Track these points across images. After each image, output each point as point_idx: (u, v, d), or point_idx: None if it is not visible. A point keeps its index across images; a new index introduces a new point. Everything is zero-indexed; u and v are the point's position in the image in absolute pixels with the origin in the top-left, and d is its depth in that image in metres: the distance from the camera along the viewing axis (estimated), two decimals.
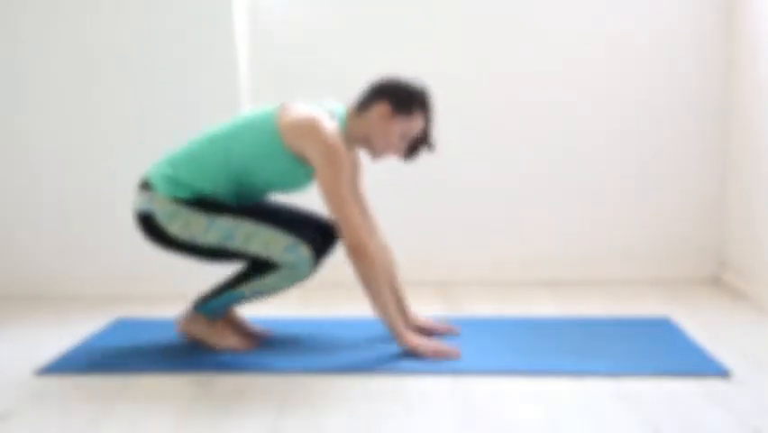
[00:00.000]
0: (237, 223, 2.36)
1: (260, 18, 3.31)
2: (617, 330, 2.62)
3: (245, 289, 2.42)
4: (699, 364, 2.27)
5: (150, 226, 2.42)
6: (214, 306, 2.47)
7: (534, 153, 3.34)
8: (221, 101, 3.18)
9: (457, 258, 3.40)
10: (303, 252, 2.35)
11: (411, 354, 2.37)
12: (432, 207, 3.38)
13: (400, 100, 2.37)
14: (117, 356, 2.48)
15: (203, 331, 2.51)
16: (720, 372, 2.20)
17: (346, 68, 3.32)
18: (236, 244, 2.36)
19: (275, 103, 2.48)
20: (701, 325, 2.68)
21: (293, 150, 2.34)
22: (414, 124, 2.40)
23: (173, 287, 3.22)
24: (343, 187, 2.30)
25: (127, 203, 3.26)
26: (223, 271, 2.68)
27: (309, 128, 2.31)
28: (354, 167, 2.56)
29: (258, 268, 2.40)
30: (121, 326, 2.83)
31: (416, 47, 3.30)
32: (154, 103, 3.21)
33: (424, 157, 2.83)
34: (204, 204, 2.38)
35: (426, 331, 2.58)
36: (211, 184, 2.38)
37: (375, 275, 2.33)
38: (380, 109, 2.37)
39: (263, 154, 2.36)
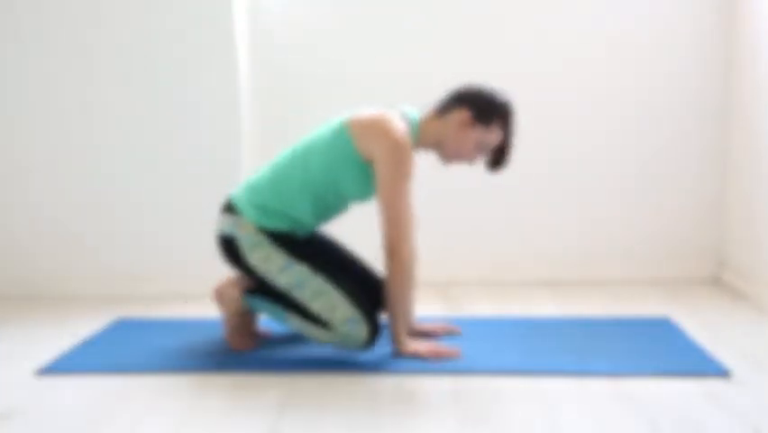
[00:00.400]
0: (312, 275, 2.35)
1: (260, 18, 3.31)
2: (616, 330, 2.62)
3: (295, 319, 2.39)
4: (699, 364, 2.27)
5: (231, 250, 2.42)
6: (259, 305, 2.45)
7: (535, 153, 3.34)
8: (221, 101, 3.18)
9: (457, 258, 3.40)
10: (362, 330, 2.32)
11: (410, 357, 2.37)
12: (432, 208, 3.37)
13: (482, 110, 2.35)
14: (117, 356, 2.48)
15: (230, 310, 2.49)
16: (720, 372, 2.20)
17: (346, 67, 3.33)
18: (303, 295, 2.34)
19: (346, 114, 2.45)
20: (701, 325, 2.68)
21: (364, 154, 2.32)
22: (492, 136, 2.38)
23: (173, 287, 3.23)
24: (403, 186, 2.29)
25: (127, 203, 3.28)
26: (223, 275, 2.69)
27: (378, 128, 2.30)
28: None
29: (315, 319, 2.37)
30: (121, 326, 2.83)
31: (416, 47, 3.31)
32: (154, 103, 3.21)
33: (424, 157, 2.83)
34: (289, 243, 2.38)
35: (426, 334, 2.58)
36: (296, 205, 2.38)
37: (402, 281, 2.34)
38: (460, 116, 2.36)
39: (338, 161, 2.34)
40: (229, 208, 2.44)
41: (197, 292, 3.01)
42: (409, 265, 2.36)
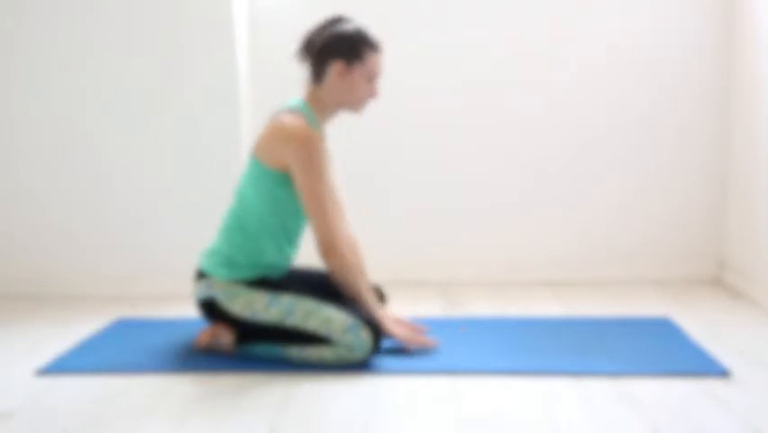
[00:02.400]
0: (298, 300, 2.34)
1: (260, 18, 3.31)
2: (617, 330, 2.62)
3: (294, 349, 2.36)
4: (699, 364, 2.27)
5: (213, 311, 2.41)
6: (254, 350, 2.42)
7: (535, 155, 3.34)
8: (221, 102, 3.18)
9: (457, 258, 3.40)
10: (363, 334, 2.30)
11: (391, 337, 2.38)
12: (432, 208, 3.38)
13: (347, 52, 2.35)
14: (117, 356, 2.48)
15: (224, 348, 2.46)
16: (720, 372, 2.20)
17: None
18: (296, 320, 2.33)
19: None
20: (701, 325, 2.68)
21: (281, 168, 2.33)
22: (371, 63, 2.38)
23: (173, 287, 3.22)
24: (319, 179, 2.29)
25: (127, 203, 3.28)
26: None
27: (278, 136, 2.31)
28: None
29: (315, 338, 2.34)
30: (121, 326, 2.83)
31: (417, 50, 3.31)
32: (154, 104, 3.21)
33: (424, 157, 2.83)
34: (264, 284, 2.39)
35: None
36: (259, 249, 2.39)
37: (348, 270, 2.35)
38: (335, 70, 2.35)
39: (270, 189, 2.34)
40: (200, 276, 2.44)
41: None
42: (349, 253, 2.36)
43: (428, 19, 3.29)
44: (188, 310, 2.96)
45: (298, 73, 2.33)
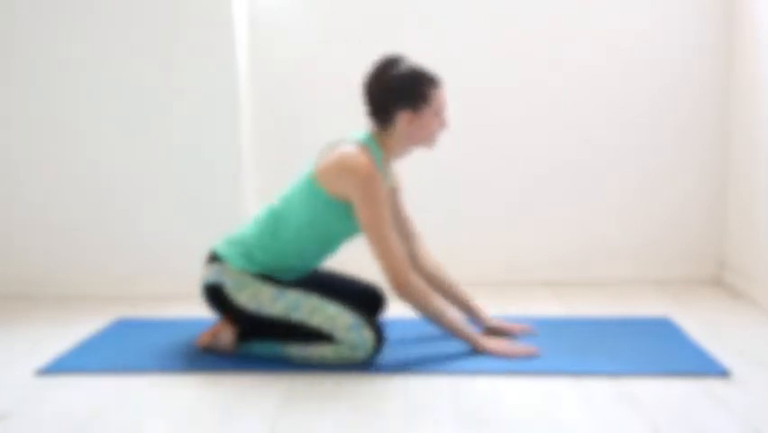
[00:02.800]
0: (304, 296, 2.35)
1: (260, 18, 3.31)
2: (617, 330, 2.62)
3: (295, 347, 2.36)
4: (699, 364, 2.27)
5: (218, 298, 2.41)
6: (255, 348, 2.42)
7: (536, 155, 3.34)
8: (220, 101, 3.18)
9: (457, 258, 3.40)
10: (365, 333, 2.30)
11: (489, 354, 2.36)
12: (432, 208, 3.37)
13: (411, 97, 2.32)
14: (117, 356, 2.48)
15: (226, 349, 2.46)
16: (720, 372, 2.20)
17: (346, 69, 3.32)
18: (301, 315, 2.33)
19: (312, 159, 2.44)
20: (701, 325, 2.68)
21: (341, 197, 2.32)
22: (437, 103, 2.36)
23: (173, 287, 3.23)
24: (384, 224, 2.28)
25: (127, 203, 3.28)
26: None
27: (341, 169, 2.28)
28: (396, 190, 2.56)
29: (317, 336, 2.34)
30: (121, 326, 2.83)
31: (417, 55, 3.31)
32: (154, 104, 3.21)
33: (424, 157, 2.83)
34: (274, 280, 2.40)
35: (499, 332, 2.57)
36: (285, 259, 2.39)
37: (427, 302, 2.33)
38: (403, 118, 2.34)
39: (320, 214, 2.34)
40: (213, 259, 2.44)
41: (197, 292, 3.00)
42: (422, 284, 2.34)
43: (428, 19, 3.29)
44: (188, 310, 2.97)
45: (298, 73, 2.34)
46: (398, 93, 2.32)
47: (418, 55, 3.29)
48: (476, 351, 2.39)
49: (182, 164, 3.23)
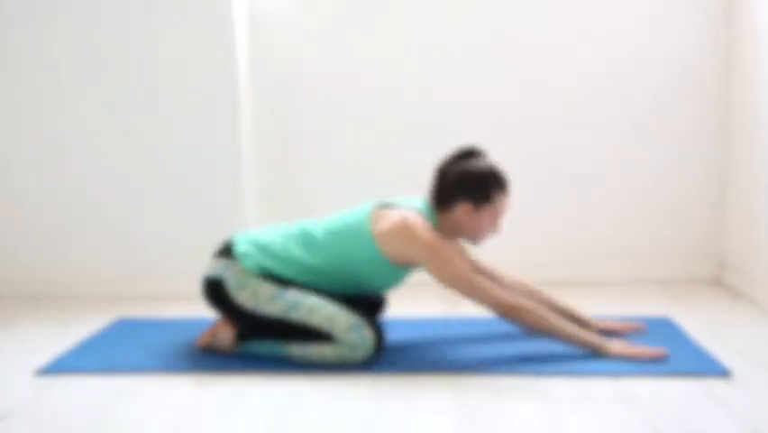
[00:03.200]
0: (303, 296, 2.35)
1: (260, 18, 3.31)
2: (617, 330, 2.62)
3: (295, 346, 2.35)
4: (699, 364, 2.27)
5: (217, 293, 2.41)
6: (254, 348, 2.42)
7: (536, 155, 3.34)
8: (220, 101, 3.18)
9: None
10: (366, 333, 2.30)
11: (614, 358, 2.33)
12: None
13: (477, 194, 2.35)
14: (117, 356, 2.48)
15: (225, 348, 2.46)
16: (720, 372, 2.20)
17: (346, 69, 3.33)
18: (300, 315, 2.33)
19: (364, 206, 2.43)
20: (701, 325, 2.68)
21: (395, 258, 2.35)
22: (499, 206, 2.39)
23: (173, 287, 3.23)
24: (466, 274, 2.31)
25: (127, 203, 3.28)
26: None
27: (405, 234, 2.31)
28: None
29: (317, 335, 2.34)
30: (121, 326, 2.83)
31: (418, 55, 3.31)
32: (154, 104, 3.21)
33: (423, 158, 2.83)
34: (275, 279, 2.40)
35: (609, 333, 2.55)
36: (303, 279, 2.39)
37: (538, 317, 2.33)
38: (462, 209, 2.36)
39: (363, 263, 2.36)
40: (226, 253, 2.43)
41: (197, 292, 3.00)
42: (529, 304, 2.35)
43: (428, 20, 3.29)
44: (188, 310, 2.97)
45: (298, 73, 2.34)
46: (467, 185, 2.35)
47: (418, 55, 3.32)
48: (600, 355, 2.33)
49: (182, 164, 3.23)
